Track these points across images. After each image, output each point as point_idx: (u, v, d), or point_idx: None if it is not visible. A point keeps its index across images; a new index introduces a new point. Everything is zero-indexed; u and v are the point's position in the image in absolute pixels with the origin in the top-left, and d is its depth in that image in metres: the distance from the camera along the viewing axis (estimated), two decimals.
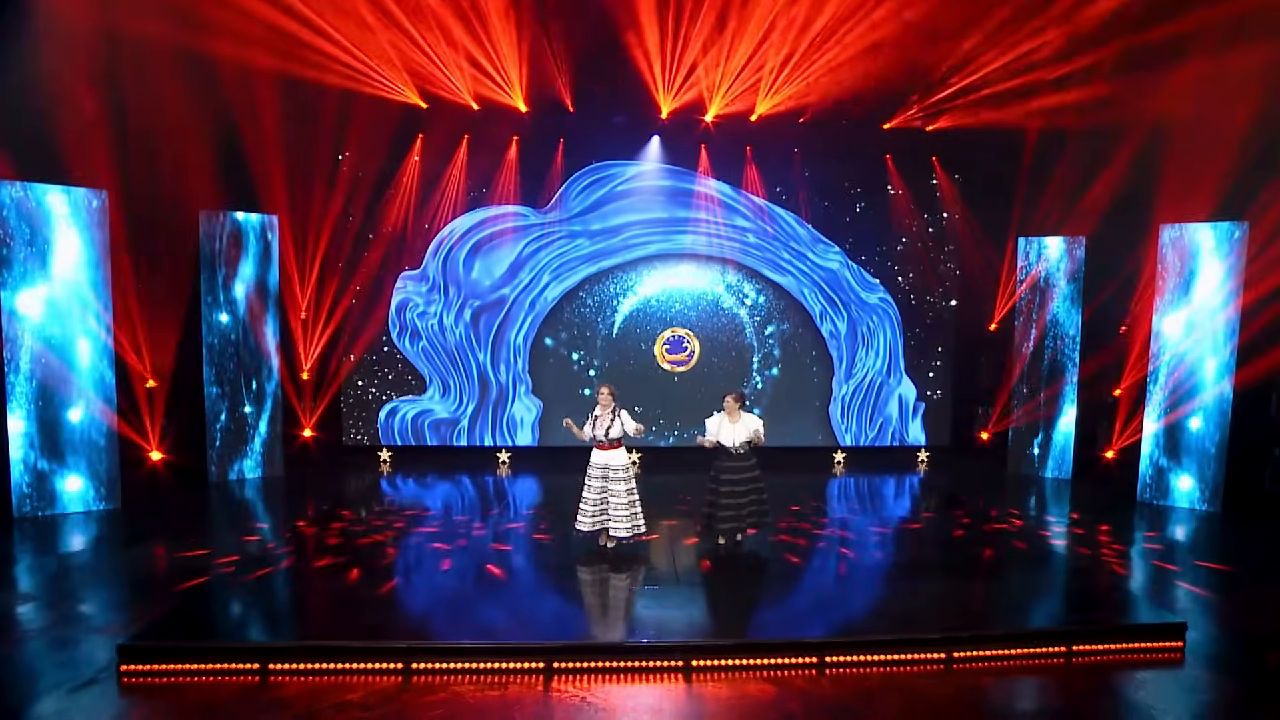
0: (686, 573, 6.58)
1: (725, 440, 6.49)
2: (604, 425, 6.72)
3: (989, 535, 7.83)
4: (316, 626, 5.69)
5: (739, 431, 6.58)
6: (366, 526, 7.90)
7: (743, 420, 6.58)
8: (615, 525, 6.68)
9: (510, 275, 11.23)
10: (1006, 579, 6.68)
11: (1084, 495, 9.35)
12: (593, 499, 6.71)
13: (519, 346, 11.35)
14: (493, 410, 11.38)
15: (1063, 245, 10.18)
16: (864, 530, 8.01)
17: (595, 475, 6.69)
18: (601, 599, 6.16)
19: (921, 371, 11.72)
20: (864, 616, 5.94)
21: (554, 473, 10.33)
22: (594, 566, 6.73)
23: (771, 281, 11.48)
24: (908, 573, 6.78)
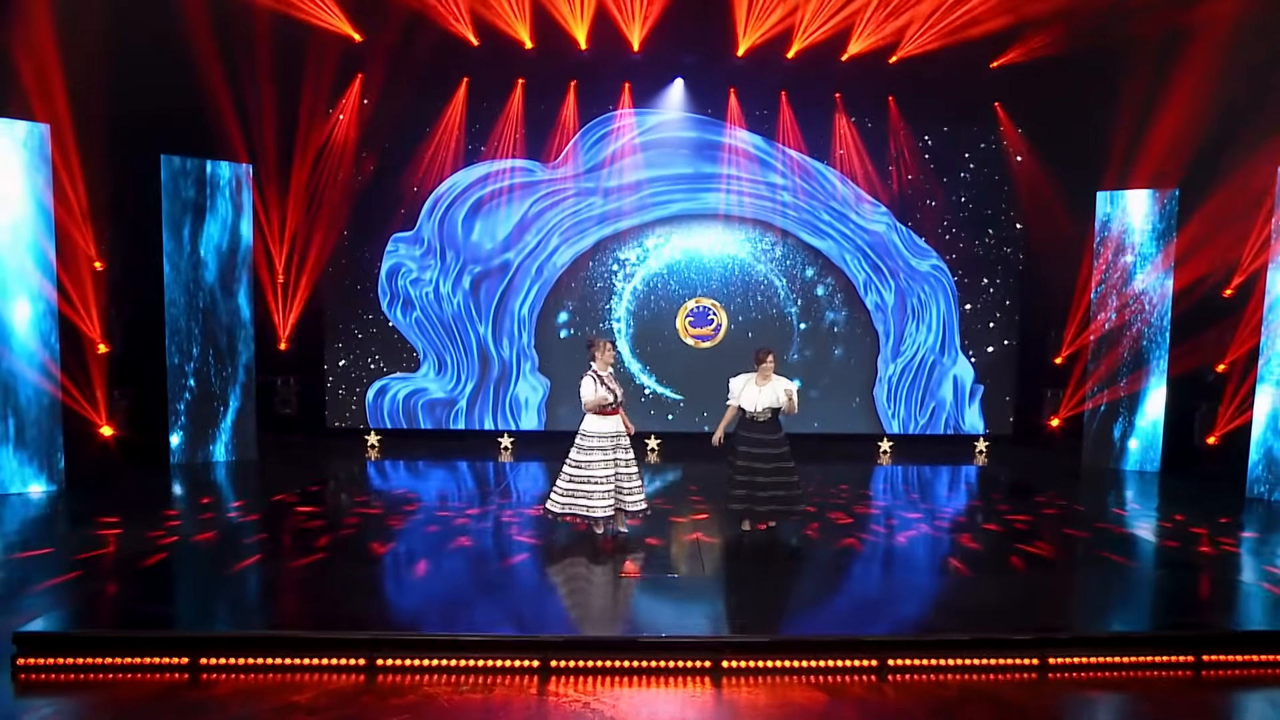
0: (712, 561, 5.85)
1: (746, 404, 5.77)
2: (615, 386, 6.07)
3: (1073, 529, 6.95)
4: (266, 616, 4.97)
5: (766, 396, 5.81)
6: (345, 512, 7.24)
7: (773, 384, 5.84)
8: (633, 499, 6.01)
9: (515, 238, 10.54)
10: (1105, 577, 5.80)
11: (1180, 490, 8.41)
12: (607, 476, 5.99)
13: (524, 318, 10.65)
14: (494, 390, 10.69)
15: (1149, 199, 9.24)
16: (919, 521, 7.18)
17: (605, 449, 5.97)
18: (611, 589, 5.39)
19: (980, 349, 10.82)
20: (931, 612, 5.10)
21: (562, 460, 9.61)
22: (602, 555, 5.98)
23: (809, 246, 10.68)
24: (978, 566, 5.93)
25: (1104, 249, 9.52)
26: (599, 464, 5.92)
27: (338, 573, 5.56)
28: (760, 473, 5.82)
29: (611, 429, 5.97)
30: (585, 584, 5.54)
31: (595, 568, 5.76)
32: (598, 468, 5.92)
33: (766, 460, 5.85)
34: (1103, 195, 9.54)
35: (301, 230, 10.04)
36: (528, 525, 6.84)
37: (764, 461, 5.82)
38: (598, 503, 5.98)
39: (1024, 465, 9.74)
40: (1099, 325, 9.53)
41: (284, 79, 9.33)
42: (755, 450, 5.85)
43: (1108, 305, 9.50)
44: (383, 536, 6.49)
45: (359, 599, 5.07)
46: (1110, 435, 9.56)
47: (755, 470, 5.83)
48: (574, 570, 5.74)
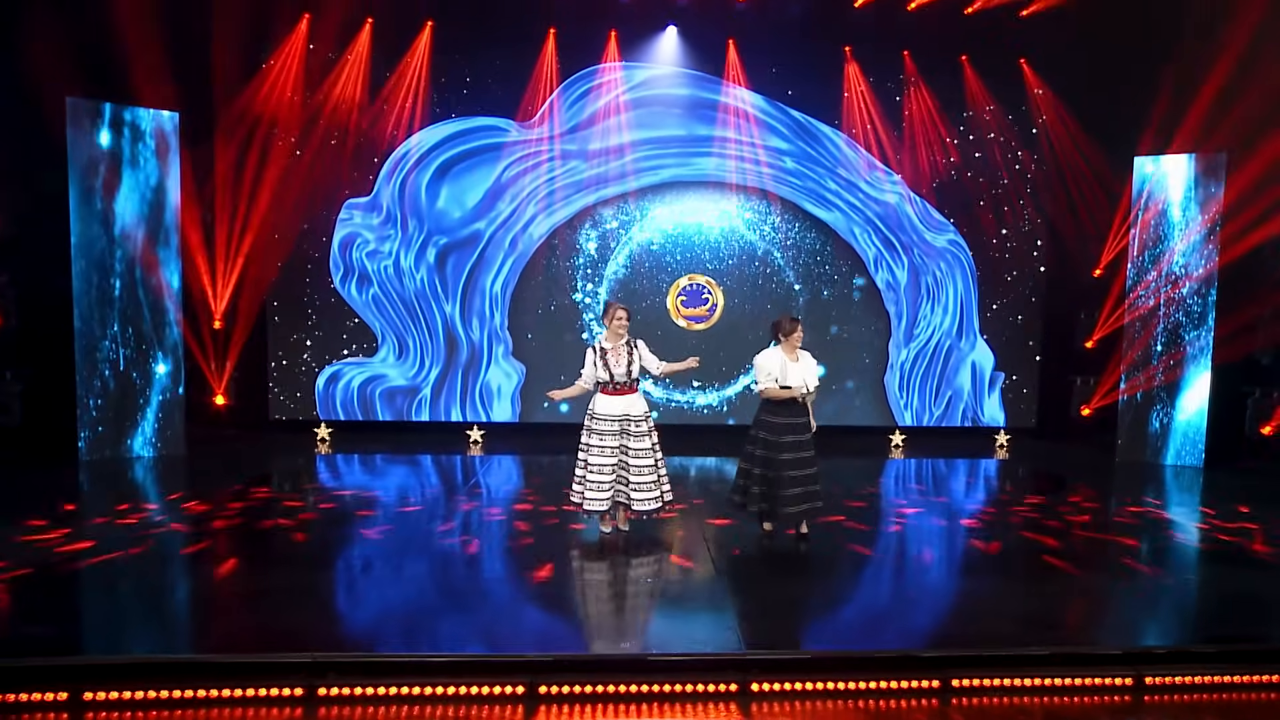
0: (724, 562, 5.25)
1: (795, 382, 5.21)
2: (621, 361, 5.34)
3: (1131, 528, 6.40)
4: (177, 638, 4.16)
5: (803, 373, 5.29)
6: (288, 512, 6.44)
7: (803, 361, 5.32)
8: (640, 496, 5.38)
9: (486, 206, 9.78)
10: (1183, 583, 5.21)
11: (1233, 486, 7.89)
12: (607, 465, 5.34)
13: (497, 296, 9.89)
14: (462, 376, 9.91)
15: (1189, 164, 8.73)
16: (945, 518, 6.59)
17: (608, 432, 5.32)
18: (612, 599, 4.68)
19: (1001, 332, 10.28)
20: (991, 622, 4.46)
21: (538, 452, 8.98)
22: (600, 558, 5.27)
23: (814, 218, 10.08)
24: (1030, 570, 5.37)
25: (1142, 221, 8.99)
26: (597, 450, 5.35)
27: (274, 582, 4.76)
28: (787, 465, 5.25)
29: (618, 409, 5.30)
30: (578, 593, 4.82)
31: (590, 573, 5.05)
32: (596, 454, 5.33)
33: (796, 449, 5.28)
34: (1141, 160, 9.01)
35: (239, 192, 9.16)
36: (502, 526, 6.10)
37: (792, 451, 5.25)
38: (591, 494, 5.38)
39: (1052, 460, 9.24)
40: (1136, 305, 8.99)
41: (222, 17, 8.48)
42: (785, 439, 5.25)
43: (1146, 282, 8.98)
44: (332, 540, 5.72)
45: (298, 613, 4.31)
46: (1148, 426, 9.03)
47: (781, 463, 5.23)
48: (564, 577, 5.01)
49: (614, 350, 5.32)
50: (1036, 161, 10.12)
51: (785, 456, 5.14)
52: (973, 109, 10.02)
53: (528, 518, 6.30)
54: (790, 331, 5.26)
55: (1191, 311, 8.82)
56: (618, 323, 5.31)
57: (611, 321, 5.31)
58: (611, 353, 5.32)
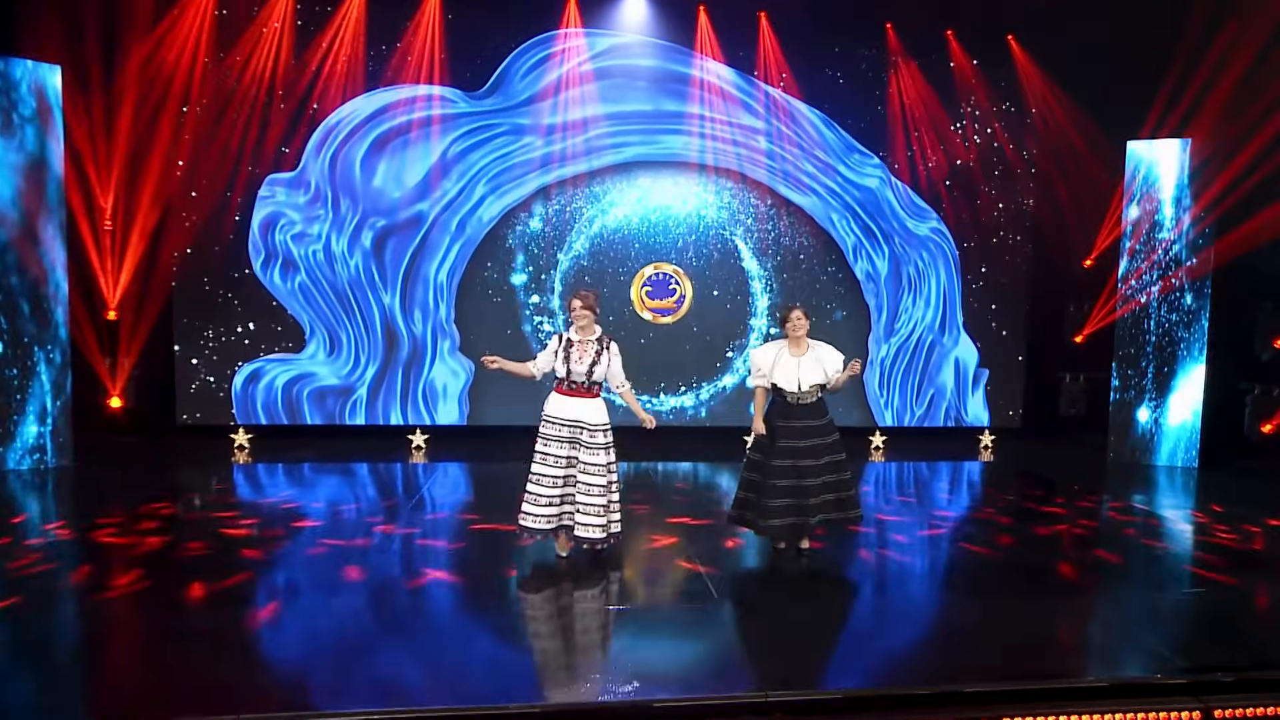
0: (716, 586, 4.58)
1: (785, 382, 4.66)
2: (585, 359, 4.63)
3: (1148, 537, 5.87)
4: (57, 708, 3.19)
5: (808, 369, 4.68)
6: (194, 532, 5.37)
7: (814, 352, 4.74)
8: (584, 520, 4.64)
9: (430, 184, 8.83)
10: (1223, 598, 4.66)
11: (1237, 487, 7.54)
12: (552, 477, 4.61)
13: (442, 285, 8.94)
14: (403, 375, 8.93)
15: (1180, 151, 8.36)
16: (946, 530, 5.97)
17: (557, 439, 4.62)
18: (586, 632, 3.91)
19: (986, 326, 9.81)
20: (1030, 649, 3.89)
21: (490, 459, 8.17)
22: (574, 583, 4.46)
23: (790, 203, 9.43)
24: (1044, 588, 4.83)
25: (1138, 208, 8.58)
26: (541, 458, 4.67)
27: (181, 626, 3.80)
28: (809, 471, 4.66)
29: (569, 413, 4.60)
30: (548, 626, 3.99)
31: (561, 601, 4.23)
32: (540, 462, 4.65)
33: (816, 454, 4.69)
34: (1135, 144, 8.60)
35: (139, 163, 7.96)
36: (451, 545, 5.21)
37: (813, 456, 4.67)
38: (530, 509, 4.62)
39: (1041, 462, 8.79)
40: (1130, 298, 8.58)
41: None
42: (801, 444, 4.67)
43: (1139, 273, 8.57)
44: (249, 568, 4.73)
45: (210, 666, 3.39)
46: (1140, 425, 8.63)
47: (803, 470, 4.65)
48: (528, 608, 4.18)
49: (581, 345, 4.65)
50: (1024, 143, 9.68)
51: (776, 463, 4.59)
52: (958, 87, 9.50)
53: (482, 539, 5.44)
54: (788, 319, 4.71)
55: (1185, 305, 8.44)
56: (572, 315, 4.65)
57: (577, 310, 4.64)
58: (578, 347, 4.63)
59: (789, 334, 4.69)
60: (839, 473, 4.71)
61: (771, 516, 4.60)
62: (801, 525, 4.62)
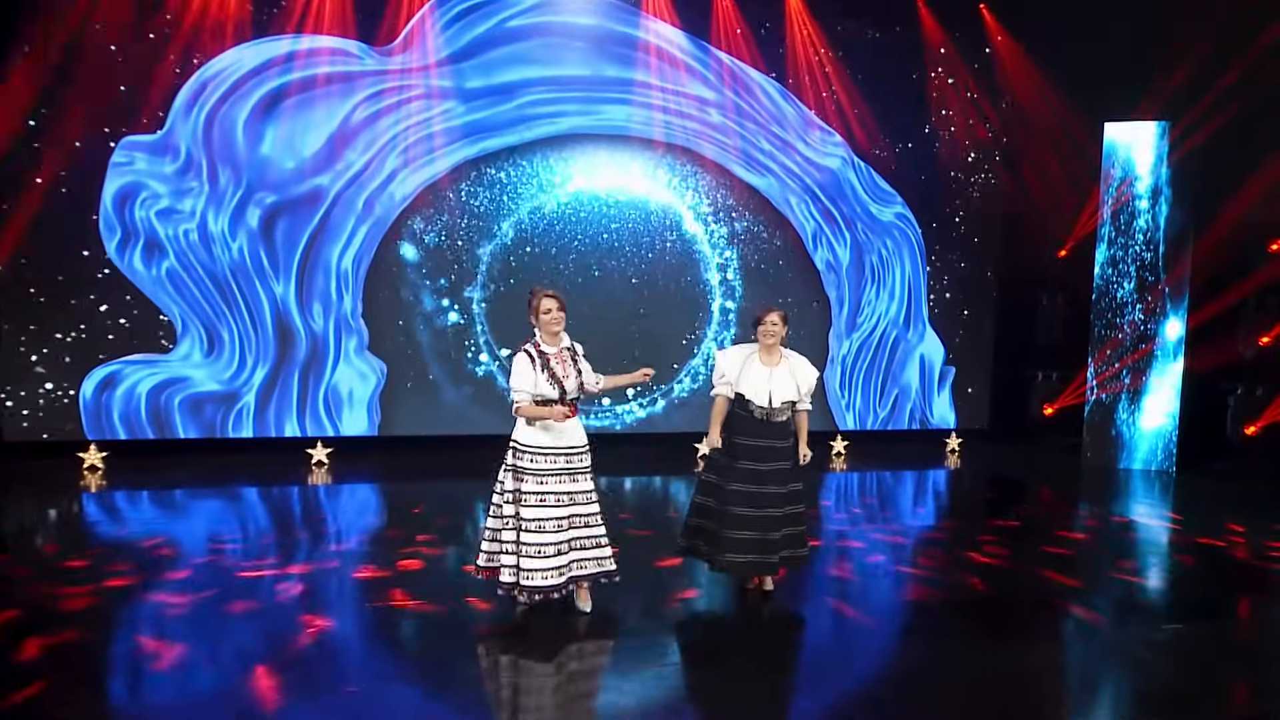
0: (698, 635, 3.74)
1: (753, 394, 4.04)
2: (570, 370, 3.85)
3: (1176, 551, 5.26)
4: None
5: (781, 382, 4.06)
6: (33, 581, 4.07)
7: (788, 363, 4.13)
8: (598, 555, 3.92)
9: (331, 154, 7.60)
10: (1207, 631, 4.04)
11: (1225, 493, 7.10)
12: (557, 519, 3.74)
13: (347, 273, 7.69)
14: (301, 379, 7.65)
15: (1157, 135, 7.93)
16: (930, 555, 5.20)
17: (555, 474, 3.78)
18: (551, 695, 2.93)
19: (953, 320, 9.25)
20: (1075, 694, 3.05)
21: (408, 477, 7.15)
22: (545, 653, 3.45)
23: (744, 184, 8.60)
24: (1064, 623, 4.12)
25: (1114, 196, 8.07)
26: (537, 501, 3.73)
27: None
28: (772, 500, 4.02)
29: (565, 441, 3.79)
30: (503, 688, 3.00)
31: (534, 679, 3.22)
32: (536, 505, 3.72)
33: (780, 479, 4.04)
34: (1115, 128, 8.11)
35: None
36: (367, 595, 4.12)
37: (776, 482, 4.02)
38: (536, 564, 3.68)
39: (1011, 466, 8.29)
40: (1107, 291, 8.09)
41: None
42: (763, 467, 4.02)
43: (1119, 265, 8.08)
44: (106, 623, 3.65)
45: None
46: (1116, 427, 8.16)
47: (766, 498, 4.00)
48: (474, 666, 3.16)
49: (557, 356, 3.83)
50: (996, 123, 9.12)
51: (735, 488, 3.99)
52: (928, 62, 8.82)
53: (411, 582, 4.34)
54: (758, 321, 4.10)
55: (1164, 300, 7.99)
56: (548, 316, 3.80)
57: (539, 315, 3.82)
58: (556, 359, 3.81)
59: (761, 340, 4.07)
60: (797, 504, 4.13)
61: (732, 550, 3.97)
62: (764, 563, 4.01)
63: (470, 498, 6.46)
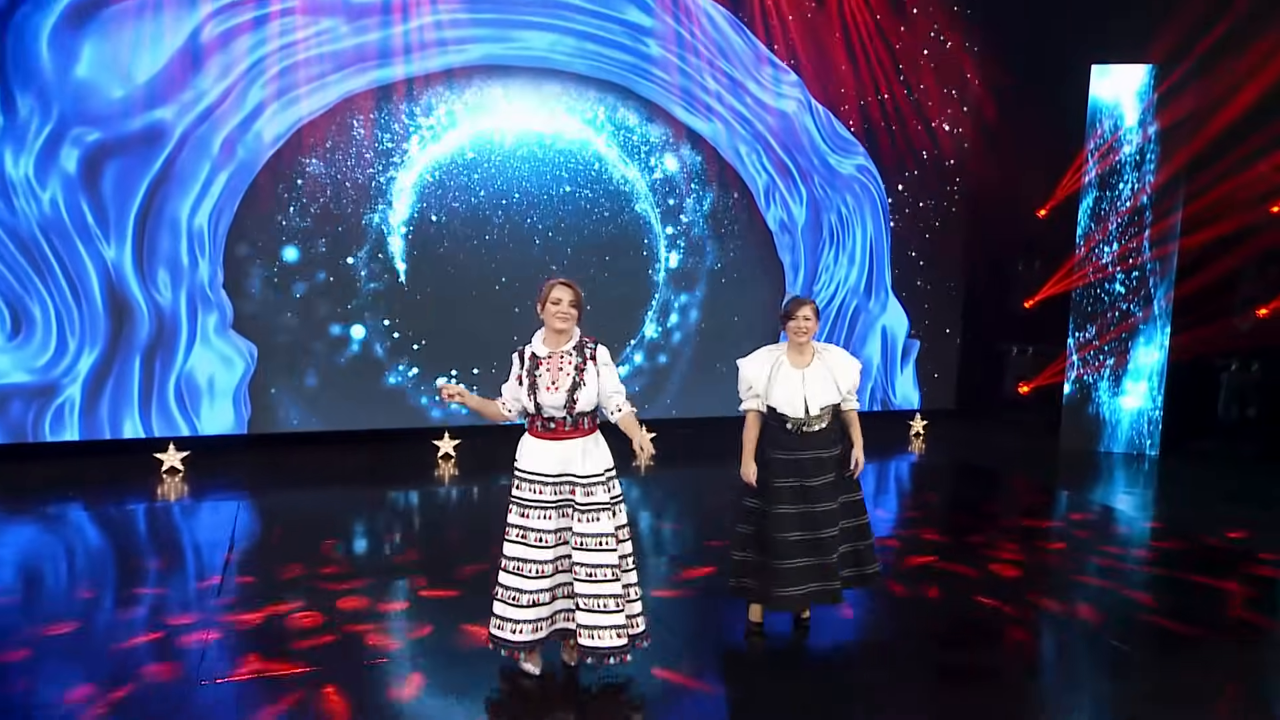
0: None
1: (786, 405, 3.52)
2: (561, 380, 3.10)
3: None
4: None
5: (817, 385, 3.52)
6: None
7: (822, 360, 3.57)
8: (593, 622, 3.08)
9: (174, 81, 6.22)
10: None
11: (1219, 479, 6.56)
12: (538, 562, 3.10)
13: (202, 233, 6.33)
14: (143, 366, 6.27)
15: (1145, 82, 7.20)
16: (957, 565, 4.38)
17: (539, 505, 3.11)
18: None
19: (918, 288, 8.47)
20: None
21: (293, 484, 6.02)
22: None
23: (687, 129, 7.53)
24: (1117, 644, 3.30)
25: (1100, 148, 7.33)
26: (520, 537, 3.11)
27: None
28: (826, 518, 3.52)
29: (552, 467, 3.11)
30: None
31: None
32: (518, 541, 3.11)
33: (831, 494, 3.53)
34: (1102, 70, 7.31)
35: None
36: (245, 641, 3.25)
37: (827, 498, 3.52)
38: (508, 612, 3.11)
39: (982, 451, 7.55)
40: (1091, 256, 7.38)
41: None
42: (812, 482, 3.52)
43: (1105, 229, 7.35)
44: None
45: None
46: (1096, 406, 7.57)
47: (818, 518, 3.52)
48: None
49: (552, 361, 3.11)
50: (970, 66, 8.20)
51: (784, 510, 3.51)
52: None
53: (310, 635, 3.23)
54: (787, 316, 3.53)
55: (1149, 268, 7.32)
56: (555, 308, 3.09)
57: (545, 305, 3.10)
58: (547, 365, 3.11)
59: (791, 338, 3.53)
60: (858, 516, 3.66)
61: (787, 583, 3.49)
62: (826, 590, 3.56)
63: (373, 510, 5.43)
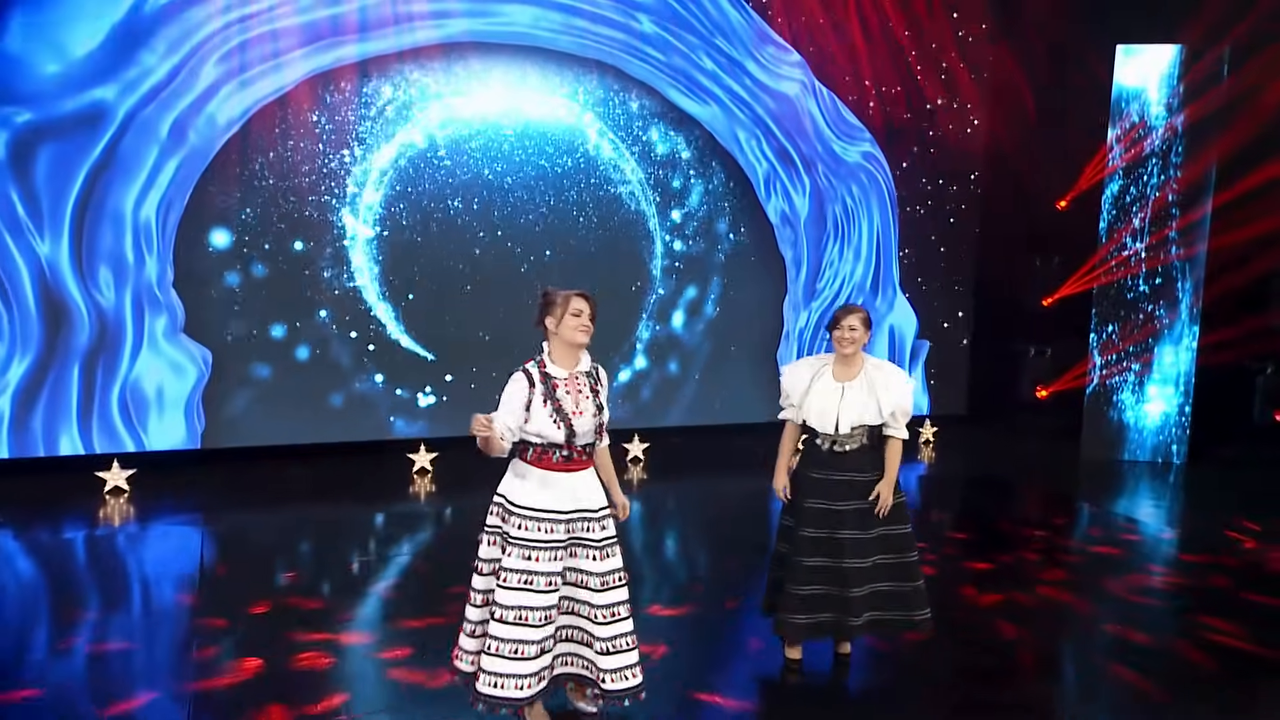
0: None
1: (817, 419, 3.35)
2: (585, 404, 2.81)
3: None
4: None
5: (855, 401, 3.33)
6: None
7: (867, 377, 3.35)
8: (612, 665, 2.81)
9: (117, 57, 5.65)
10: None
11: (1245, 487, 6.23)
12: (544, 609, 2.76)
13: (149, 227, 5.87)
14: (83, 374, 5.78)
15: (1174, 59, 6.79)
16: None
17: (549, 545, 2.78)
18: None
19: (928, 285, 8.05)
20: None
21: (250, 505, 5.54)
22: None
23: (682, 113, 7.14)
24: None
25: (1128, 136, 6.95)
26: (524, 582, 2.74)
27: None
28: (853, 548, 3.32)
29: (569, 502, 2.81)
30: None
31: None
32: (523, 589, 2.74)
33: (860, 522, 3.31)
34: (1128, 51, 6.89)
35: None
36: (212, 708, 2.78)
37: (857, 526, 3.31)
38: (509, 668, 2.71)
39: (996, 460, 7.23)
40: (1117, 251, 7.00)
41: None
42: (841, 506, 3.34)
43: (1131, 223, 6.97)
44: None
45: None
46: (1118, 411, 7.19)
47: (843, 545, 3.32)
48: None
49: (570, 382, 2.81)
50: (984, 41, 7.77)
51: (807, 532, 3.37)
52: None
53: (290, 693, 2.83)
54: (834, 324, 3.34)
55: (1178, 266, 6.94)
56: (576, 321, 2.78)
57: (563, 317, 2.77)
58: (566, 387, 2.80)
59: (838, 349, 3.34)
60: (901, 553, 3.38)
61: (794, 609, 3.32)
62: (838, 624, 3.35)
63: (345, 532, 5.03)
